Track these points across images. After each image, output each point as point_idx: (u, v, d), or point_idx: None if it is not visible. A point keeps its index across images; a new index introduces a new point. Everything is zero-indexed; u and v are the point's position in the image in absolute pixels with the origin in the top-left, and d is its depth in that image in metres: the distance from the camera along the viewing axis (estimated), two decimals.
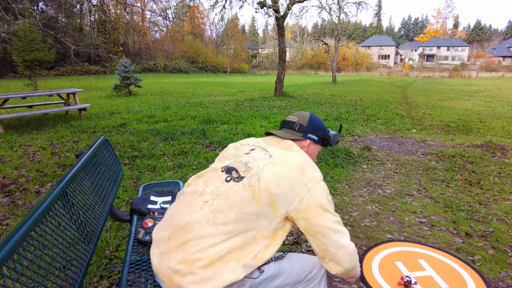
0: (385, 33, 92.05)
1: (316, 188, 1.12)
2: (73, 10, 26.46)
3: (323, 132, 1.36)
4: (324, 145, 1.38)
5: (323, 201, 1.11)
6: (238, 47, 45.63)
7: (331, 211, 1.13)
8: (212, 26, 49.24)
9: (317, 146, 1.37)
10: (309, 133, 1.33)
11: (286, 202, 1.10)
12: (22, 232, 0.96)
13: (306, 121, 1.34)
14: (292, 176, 1.12)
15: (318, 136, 1.34)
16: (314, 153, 1.37)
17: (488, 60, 51.79)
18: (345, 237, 1.14)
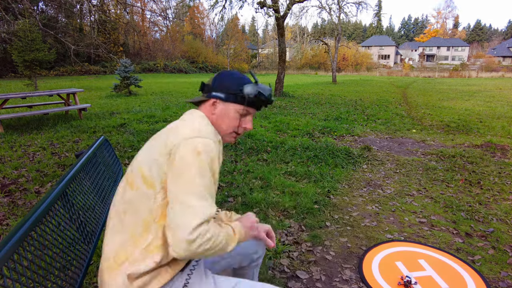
0: (385, 33, 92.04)
1: (183, 144, 0.96)
2: (73, 10, 26.46)
3: (233, 87, 1.11)
4: (241, 103, 1.11)
5: (186, 160, 0.94)
6: (238, 47, 45.62)
7: (193, 178, 0.94)
8: (212, 26, 49.25)
9: (229, 105, 1.11)
10: (213, 91, 1.12)
11: (158, 171, 0.99)
12: (22, 232, 0.96)
13: (212, 79, 1.16)
14: (161, 140, 1.03)
15: (226, 93, 1.11)
16: (228, 114, 1.11)
17: (488, 60, 51.80)
18: (193, 214, 0.91)
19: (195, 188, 0.93)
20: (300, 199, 3.04)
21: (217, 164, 1.01)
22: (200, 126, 1.05)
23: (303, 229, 2.57)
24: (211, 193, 0.98)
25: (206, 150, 0.97)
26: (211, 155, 0.98)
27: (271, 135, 5.55)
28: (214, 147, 1.00)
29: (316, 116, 7.90)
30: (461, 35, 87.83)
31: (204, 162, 0.96)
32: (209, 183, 0.97)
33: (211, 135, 1.04)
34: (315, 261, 2.16)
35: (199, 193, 0.93)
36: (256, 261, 1.39)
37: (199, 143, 0.97)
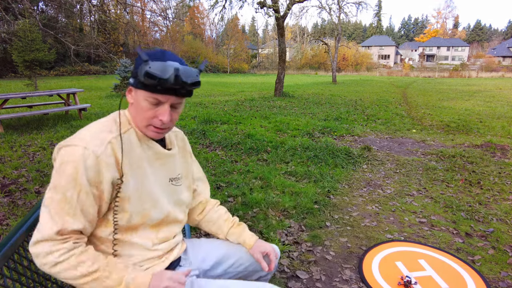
0: (385, 33, 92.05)
1: (57, 153, 0.87)
2: (73, 10, 26.44)
3: (135, 68, 0.89)
4: (147, 89, 0.87)
5: (53, 170, 0.87)
6: (238, 47, 45.63)
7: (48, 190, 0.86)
8: (212, 26, 49.24)
9: (137, 92, 0.90)
10: (132, 76, 0.91)
11: None
12: (22, 232, 0.96)
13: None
14: None
15: (133, 76, 0.90)
16: (139, 103, 0.90)
17: (488, 60, 51.81)
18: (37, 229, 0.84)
19: (47, 201, 0.85)
20: (300, 199, 3.04)
21: (85, 175, 0.84)
22: (90, 128, 0.91)
23: (303, 229, 2.57)
24: (67, 210, 0.84)
25: (66, 161, 0.84)
26: (73, 164, 0.83)
27: (271, 135, 5.56)
28: (81, 153, 0.83)
29: (316, 116, 7.91)
30: (461, 35, 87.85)
31: (61, 175, 0.84)
32: (63, 198, 0.83)
33: (87, 137, 0.87)
34: (315, 261, 2.16)
35: (47, 207, 0.84)
36: (266, 276, 1.31)
37: (64, 153, 0.85)
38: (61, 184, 0.84)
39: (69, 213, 0.84)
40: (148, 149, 0.98)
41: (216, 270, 1.22)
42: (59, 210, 0.84)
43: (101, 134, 0.89)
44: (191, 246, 1.24)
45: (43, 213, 0.85)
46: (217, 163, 4.11)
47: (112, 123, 0.94)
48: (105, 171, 0.86)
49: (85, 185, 0.85)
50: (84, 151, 0.84)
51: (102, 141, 0.88)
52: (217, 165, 4.03)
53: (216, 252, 1.23)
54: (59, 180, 0.84)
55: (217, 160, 4.24)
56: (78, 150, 0.84)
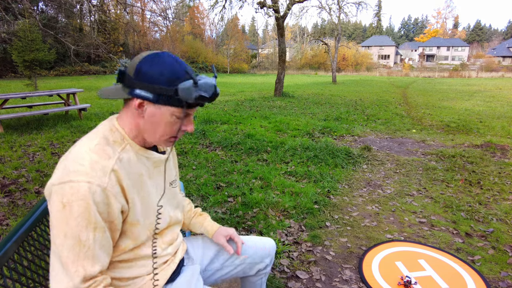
0: (385, 33, 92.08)
1: (53, 193, 0.77)
2: (73, 10, 26.45)
3: (163, 85, 0.81)
4: (178, 105, 0.83)
5: (53, 215, 0.77)
6: (238, 47, 45.62)
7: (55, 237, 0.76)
8: (212, 26, 49.24)
9: (161, 108, 0.83)
10: (137, 88, 0.82)
11: None
12: (22, 232, 0.96)
13: (134, 68, 0.83)
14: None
15: (154, 93, 0.81)
16: (163, 119, 0.85)
17: (488, 60, 51.79)
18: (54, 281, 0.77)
19: (58, 248, 0.76)
20: (300, 199, 3.04)
21: (96, 211, 0.77)
22: (77, 157, 0.79)
23: (303, 229, 2.57)
24: (85, 253, 0.77)
25: (71, 200, 0.75)
26: (81, 203, 0.75)
27: (271, 135, 5.55)
28: (87, 189, 0.76)
29: (316, 116, 7.90)
30: (461, 35, 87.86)
31: (68, 217, 0.75)
32: (78, 242, 0.76)
33: (87, 169, 0.78)
34: (315, 261, 2.16)
35: (60, 258, 0.76)
36: (264, 270, 1.33)
37: (65, 191, 0.75)
38: (71, 227, 0.75)
39: (87, 256, 0.77)
40: (147, 160, 0.93)
41: (214, 264, 1.24)
42: (75, 258, 0.76)
43: (100, 162, 0.80)
44: (190, 245, 1.25)
45: (56, 265, 0.76)
46: (217, 163, 4.11)
47: (104, 143, 0.84)
48: (113, 202, 0.81)
49: (99, 222, 0.78)
50: (89, 186, 0.76)
51: (104, 171, 0.79)
52: (217, 165, 4.03)
53: (213, 246, 1.26)
54: (67, 223, 0.75)
55: (217, 160, 4.24)
56: (82, 186, 0.75)
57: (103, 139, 0.85)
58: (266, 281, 1.41)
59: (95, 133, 0.86)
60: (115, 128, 0.88)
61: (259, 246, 1.29)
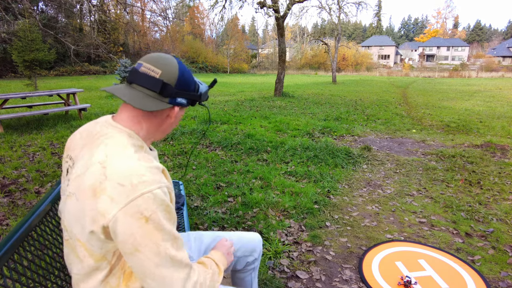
0: (385, 33, 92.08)
1: (122, 217, 0.74)
2: (73, 10, 26.45)
3: (192, 90, 0.92)
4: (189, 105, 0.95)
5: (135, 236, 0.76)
6: (238, 47, 45.63)
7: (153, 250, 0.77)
8: (212, 26, 49.24)
9: (182, 110, 0.95)
10: (179, 96, 0.88)
11: (102, 244, 0.81)
12: (22, 232, 0.96)
13: (175, 78, 0.87)
14: (89, 203, 0.77)
15: (188, 98, 0.91)
16: (178, 118, 0.96)
17: (488, 60, 51.79)
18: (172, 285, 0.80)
19: (162, 256, 0.77)
20: (300, 199, 3.04)
21: (172, 207, 0.83)
22: (129, 170, 0.77)
23: (303, 229, 2.57)
24: (179, 244, 0.82)
25: (155, 209, 0.76)
26: (163, 207, 0.78)
27: (271, 135, 5.55)
28: (161, 194, 0.78)
29: (316, 116, 7.91)
30: (461, 35, 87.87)
31: (159, 224, 0.77)
32: (174, 239, 0.80)
33: (151, 176, 0.78)
34: (315, 261, 2.16)
35: (170, 260, 0.79)
36: (253, 264, 1.36)
37: (142, 206, 0.74)
38: (165, 230, 0.78)
39: (181, 245, 0.83)
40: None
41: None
42: (178, 251, 0.81)
43: (152, 166, 0.81)
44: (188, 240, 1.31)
45: (167, 267, 0.78)
46: (217, 163, 4.11)
47: (137, 150, 0.84)
48: (172, 197, 0.88)
49: (175, 216, 0.84)
50: (161, 189, 0.78)
51: (159, 173, 0.83)
52: (217, 165, 4.03)
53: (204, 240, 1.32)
54: (160, 230, 0.77)
55: (217, 160, 4.24)
56: (156, 193, 0.77)
57: (134, 146, 0.84)
58: (256, 276, 1.44)
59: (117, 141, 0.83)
60: (132, 133, 0.87)
61: (246, 239, 1.34)
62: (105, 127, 0.87)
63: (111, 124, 0.87)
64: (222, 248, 1.13)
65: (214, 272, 0.97)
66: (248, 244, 1.33)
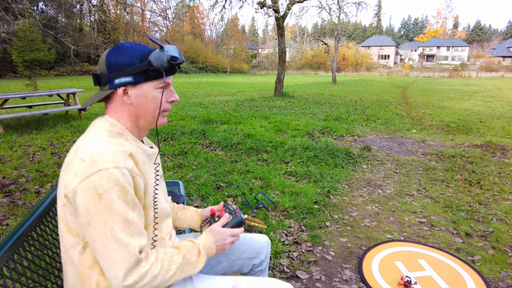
0: (385, 33, 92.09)
1: (79, 189, 0.80)
2: (73, 10, 26.46)
3: (136, 63, 0.89)
4: (156, 77, 0.91)
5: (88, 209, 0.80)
6: (238, 47, 45.64)
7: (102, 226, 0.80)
8: (212, 26, 49.23)
9: (143, 86, 0.91)
10: (115, 78, 0.90)
11: (73, 218, 0.85)
12: (22, 232, 0.96)
13: (104, 65, 0.91)
14: (62, 177, 0.86)
15: (131, 74, 0.89)
16: (148, 95, 0.92)
17: (488, 60, 51.79)
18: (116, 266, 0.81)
19: (108, 236, 0.79)
20: (300, 199, 3.04)
21: (131, 191, 0.84)
22: (94, 149, 0.83)
23: (303, 229, 2.57)
24: (134, 230, 0.83)
25: (108, 188, 0.79)
26: (117, 188, 0.80)
27: (271, 135, 5.55)
28: (118, 174, 0.81)
29: (316, 116, 7.91)
30: (461, 35, 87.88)
31: (111, 203, 0.79)
32: (126, 222, 0.82)
33: (110, 156, 0.82)
34: (315, 261, 2.16)
35: (116, 242, 0.80)
36: (260, 266, 1.32)
37: (97, 182, 0.78)
38: (117, 211, 0.80)
39: (137, 232, 0.84)
40: (143, 152, 0.96)
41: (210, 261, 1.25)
42: (128, 236, 0.82)
43: (117, 148, 0.86)
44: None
45: (113, 249, 0.80)
46: (217, 163, 4.11)
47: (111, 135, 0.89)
48: (138, 182, 0.88)
49: (135, 201, 0.85)
50: (119, 170, 0.81)
51: (124, 155, 0.86)
52: (217, 165, 4.03)
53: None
54: (111, 209, 0.80)
55: (217, 160, 4.24)
56: (113, 172, 0.80)
57: (109, 132, 0.90)
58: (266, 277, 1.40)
59: (97, 129, 0.91)
60: (114, 122, 0.93)
61: (251, 240, 1.30)
62: (97, 121, 0.95)
63: (103, 117, 0.96)
64: (217, 236, 1.05)
65: (188, 262, 0.93)
66: (253, 245, 1.29)
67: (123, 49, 0.90)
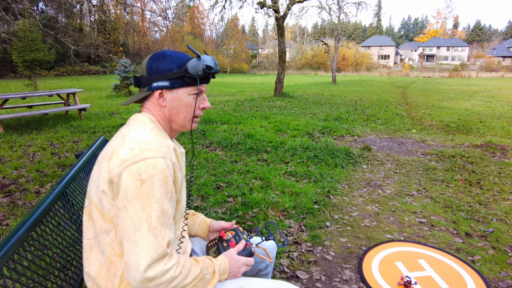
0: (385, 33, 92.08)
1: (125, 173, 0.83)
2: (73, 10, 26.46)
3: (174, 69, 0.96)
4: (191, 83, 0.98)
5: (129, 193, 0.83)
6: (238, 47, 45.63)
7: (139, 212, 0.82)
8: (212, 26, 49.24)
9: (178, 91, 0.98)
10: (153, 82, 0.97)
11: (109, 204, 0.89)
12: (22, 232, 0.96)
13: (145, 69, 0.98)
14: (105, 164, 0.88)
15: (169, 79, 0.96)
16: (181, 100, 0.99)
17: (488, 60, 51.78)
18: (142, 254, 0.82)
19: (142, 221, 0.82)
20: (300, 199, 3.04)
21: (171, 183, 0.88)
22: (142, 139, 0.89)
23: (303, 229, 2.57)
24: (166, 222, 0.86)
25: (152, 175, 0.83)
26: (160, 177, 0.84)
27: (271, 135, 5.55)
28: (163, 164, 0.85)
29: (316, 116, 7.91)
30: (461, 35, 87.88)
31: (151, 190, 0.83)
32: (162, 211, 0.85)
33: (158, 147, 0.88)
34: (315, 261, 2.16)
35: (148, 228, 0.82)
36: (265, 270, 1.32)
37: (142, 168, 0.83)
38: (155, 199, 0.83)
39: (168, 224, 0.87)
40: (178, 149, 1.03)
41: None
42: (161, 226, 0.84)
43: (164, 141, 0.93)
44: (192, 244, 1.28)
45: (142, 235, 0.81)
46: (217, 163, 4.11)
47: (156, 128, 0.97)
48: (178, 176, 0.93)
49: (173, 193, 0.89)
50: (164, 161, 0.86)
51: (169, 148, 0.93)
52: (217, 165, 4.03)
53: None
54: (150, 196, 0.82)
55: (217, 160, 4.24)
56: (159, 161, 0.85)
57: (153, 125, 0.97)
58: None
59: (140, 121, 0.97)
60: (153, 118, 1.00)
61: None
62: (137, 115, 1.01)
63: (140, 112, 1.02)
64: (232, 263, 1.04)
65: (203, 278, 0.93)
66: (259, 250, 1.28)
67: (164, 56, 0.97)
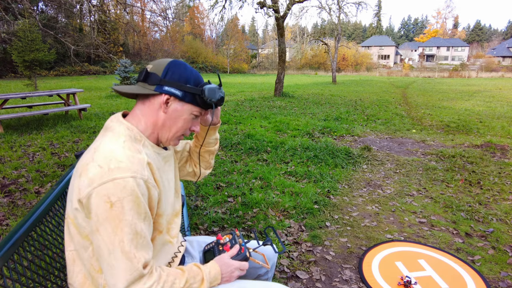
0: (385, 33, 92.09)
1: (94, 195, 0.78)
2: (73, 10, 26.46)
3: (191, 84, 0.94)
4: (200, 105, 0.96)
5: (99, 216, 0.79)
6: (238, 47, 45.63)
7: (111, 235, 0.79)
8: (212, 26, 49.26)
9: (185, 105, 0.94)
10: (166, 85, 0.91)
11: (83, 222, 0.85)
12: (22, 232, 0.95)
13: (162, 69, 0.92)
14: (76, 181, 0.84)
15: (182, 90, 0.92)
16: (182, 115, 0.95)
17: (487, 60, 51.78)
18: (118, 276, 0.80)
19: (115, 245, 0.79)
20: (300, 199, 3.04)
21: (144, 202, 0.83)
22: (111, 155, 0.82)
23: (303, 229, 2.57)
24: (141, 243, 0.82)
25: (122, 197, 0.78)
26: (130, 198, 0.79)
27: (271, 135, 5.55)
28: (133, 183, 0.80)
29: (316, 116, 7.91)
30: (460, 35, 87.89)
31: (121, 213, 0.78)
32: (135, 234, 0.81)
33: (128, 164, 0.82)
34: (315, 261, 2.16)
35: (122, 253, 0.79)
36: (265, 275, 1.30)
37: (110, 190, 0.78)
38: (127, 222, 0.79)
39: (144, 245, 0.83)
40: (159, 156, 0.97)
41: None
42: (134, 248, 0.81)
43: (135, 156, 0.85)
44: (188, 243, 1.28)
45: (116, 259, 0.79)
46: (217, 163, 4.11)
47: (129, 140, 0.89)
48: (153, 193, 0.87)
49: (147, 212, 0.84)
50: (134, 180, 0.81)
51: (141, 164, 0.85)
52: (217, 165, 4.03)
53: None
54: (121, 220, 0.79)
55: (217, 160, 4.24)
56: (128, 181, 0.79)
57: (127, 136, 0.89)
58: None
59: (115, 132, 0.90)
60: (130, 126, 0.92)
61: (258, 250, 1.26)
62: (113, 122, 0.94)
63: (118, 119, 0.94)
64: (224, 268, 1.01)
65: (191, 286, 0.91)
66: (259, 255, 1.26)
67: (185, 68, 0.95)
